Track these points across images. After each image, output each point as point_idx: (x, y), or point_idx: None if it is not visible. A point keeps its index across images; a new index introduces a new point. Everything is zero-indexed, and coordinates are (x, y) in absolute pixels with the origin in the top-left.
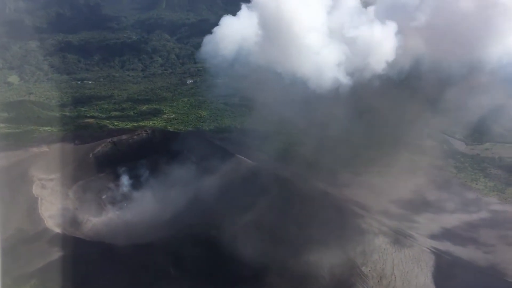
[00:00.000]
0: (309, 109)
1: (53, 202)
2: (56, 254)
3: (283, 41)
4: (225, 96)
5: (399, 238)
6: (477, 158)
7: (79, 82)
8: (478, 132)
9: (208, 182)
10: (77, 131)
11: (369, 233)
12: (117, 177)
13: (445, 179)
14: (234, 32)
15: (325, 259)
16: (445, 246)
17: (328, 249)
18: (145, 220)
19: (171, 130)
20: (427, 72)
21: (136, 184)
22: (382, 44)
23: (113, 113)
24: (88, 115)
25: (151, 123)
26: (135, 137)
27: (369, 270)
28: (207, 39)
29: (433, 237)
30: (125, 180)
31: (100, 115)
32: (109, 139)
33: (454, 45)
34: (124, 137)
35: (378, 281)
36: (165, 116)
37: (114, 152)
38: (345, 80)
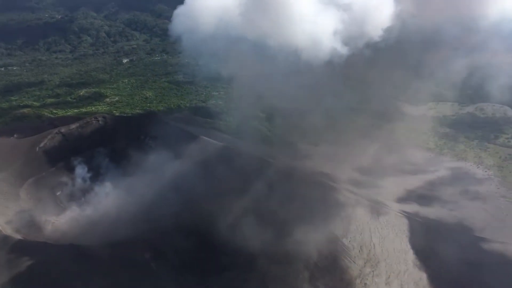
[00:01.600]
0: (281, 82)
1: (5, 205)
2: (23, 263)
3: (274, 10)
4: (169, 73)
5: (371, 206)
6: (424, 118)
7: (2, 68)
8: (421, 93)
9: (177, 167)
10: (13, 123)
11: (345, 205)
12: (71, 170)
13: (397, 142)
14: (210, 2)
15: (310, 237)
16: (413, 208)
17: (311, 226)
18: (113, 215)
19: (123, 115)
20: (415, 34)
21: (95, 176)
22: (379, 8)
23: (48, 100)
24: (21, 104)
25: (93, 109)
26: (85, 125)
27: (350, 241)
28: (179, 11)
29: (400, 200)
30: (81, 172)
31: (34, 103)
32: (56, 130)
33: (445, 5)
34: (72, 126)
35: (359, 251)
36: (107, 99)
37: (64, 143)
38: (342, 49)
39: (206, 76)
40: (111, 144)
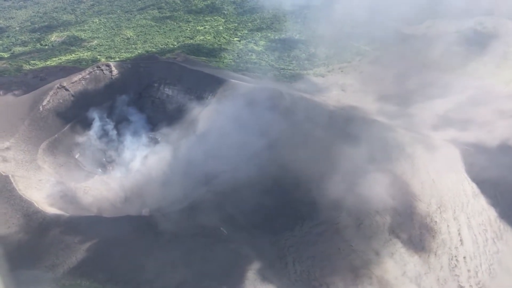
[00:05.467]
0: None
1: (27, 176)
2: (85, 245)
3: None
4: (142, 8)
5: (418, 139)
6: (425, 38)
7: None
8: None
9: (218, 117)
10: None
11: (396, 141)
12: (85, 129)
13: (408, 64)
14: None
15: (376, 180)
16: (451, 134)
17: (374, 168)
18: (158, 177)
19: (126, 62)
20: None
21: (117, 133)
22: None
23: (17, 49)
24: None
25: (74, 56)
26: (89, 77)
27: (410, 179)
28: None
29: (436, 128)
30: (99, 130)
31: (3, 54)
32: (57, 84)
33: None
34: (75, 79)
35: (421, 188)
36: (86, 44)
37: (70, 99)
38: None
39: (187, 9)
40: (124, 96)
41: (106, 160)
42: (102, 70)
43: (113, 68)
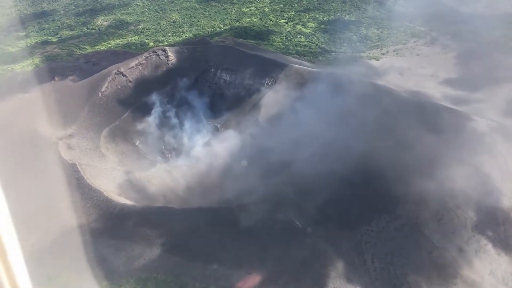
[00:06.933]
0: None
1: (92, 165)
2: (161, 238)
3: None
4: None
5: (493, 127)
6: (483, 18)
7: None
8: None
9: (282, 104)
10: (44, 64)
11: (472, 131)
12: (145, 115)
13: (469, 46)
14: None
15: (459, 174)
16: None
17: (451, 158)
18: (225, 167)
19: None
20: None
21: (181, 120)
22: None
23: (64, 33)
24: (38, 41)
25: (122, 40)
26: (146, 62)
27: (490, 171)
28: None
29: (506, 114)
30: (159, 117)
31: (51, 39)
32: (114, 70)
33: None
34: (131, 64)
35: (502, 180)
36: (133, 27)
37: (127, 85)
38: None
39: None
40: (185, 80)
41: (166, 147)
42: (158, 55)
43: (170, 53)
